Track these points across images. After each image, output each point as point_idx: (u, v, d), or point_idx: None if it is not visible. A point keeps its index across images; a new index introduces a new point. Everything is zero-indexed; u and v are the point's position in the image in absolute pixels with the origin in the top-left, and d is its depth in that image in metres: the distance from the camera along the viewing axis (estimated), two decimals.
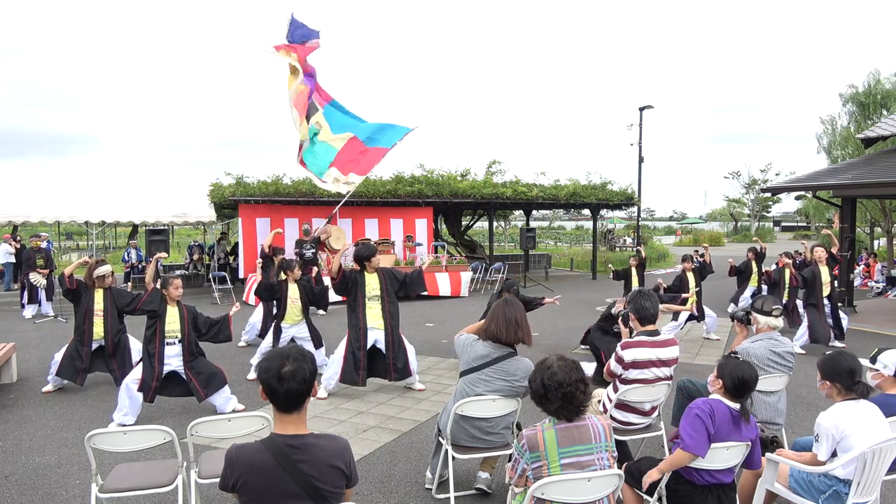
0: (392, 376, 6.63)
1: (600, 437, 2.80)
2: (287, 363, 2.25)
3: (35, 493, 4.37)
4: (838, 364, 3.32)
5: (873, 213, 20.94)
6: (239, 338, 8.87)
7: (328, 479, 2.28)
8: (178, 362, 5.92)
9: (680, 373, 5.68)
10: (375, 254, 6.70)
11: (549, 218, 58.05)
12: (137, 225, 17.11)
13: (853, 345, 9.02)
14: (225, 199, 15.43)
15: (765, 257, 11.61)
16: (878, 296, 15.94)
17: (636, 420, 4.24)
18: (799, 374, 6.38)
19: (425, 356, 8.41)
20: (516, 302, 3.98)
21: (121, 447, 3.55)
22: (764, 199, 54.74)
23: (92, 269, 6.78)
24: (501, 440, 3.98)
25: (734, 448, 3.18)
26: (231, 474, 2.25)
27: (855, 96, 21.40)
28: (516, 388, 3.86)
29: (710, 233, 48.43)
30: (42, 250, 12.97)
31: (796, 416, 5.90)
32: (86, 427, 5.51)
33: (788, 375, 4.39)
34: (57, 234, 27.52)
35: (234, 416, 3.65)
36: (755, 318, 4.43)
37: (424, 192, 16.36)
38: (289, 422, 2.30)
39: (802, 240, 13.01)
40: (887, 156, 13.41)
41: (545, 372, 2.82)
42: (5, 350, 7.11)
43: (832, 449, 3.20)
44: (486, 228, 24.03)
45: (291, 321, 7.32)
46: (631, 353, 4.07)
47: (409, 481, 4.51)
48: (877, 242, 25.41)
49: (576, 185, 19.36)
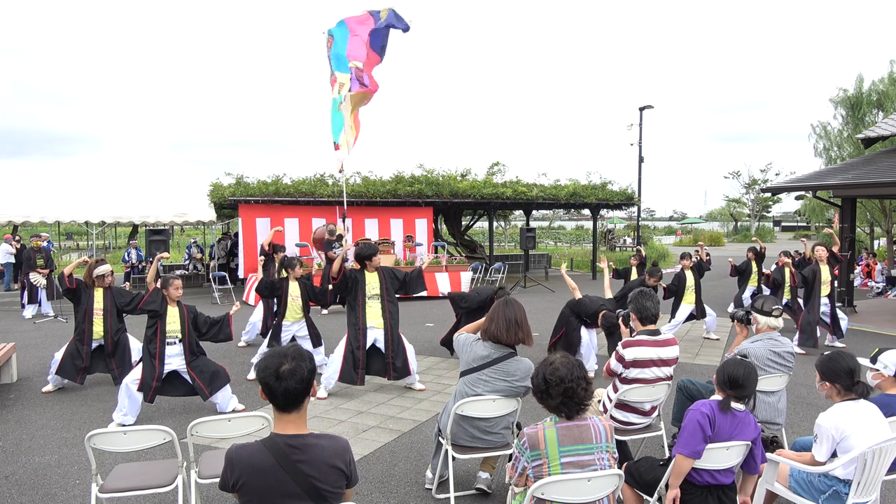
0: (391, 375, 6.63)
1: (601, 437, 2.80)
2: (285, 362, 2.25)
3: (35, 493, 4.37)
4: (837, 364, 3.32)
5: (873, 213, 20.95)
6: (239, 337, 8.87)
7: (328, 479, 2.27)
8: (178, 362, 5.93)
9: (680, 373, 5.69)
10: (377, 253, 6.71)
11: (549, 218, 58.01)
12: (137, 225, 17.11)
13: (853, 345, 9.02)
14: (225, 199, 15.44)
15: (765, 257, 11.59)
16: (878, 296, 15.93)
17: (636, 420, 4.25)
18: (799, 374, 6.38)
19: (425, 356, 8.42)
20: (516, 302, 3.98)
21: (121, 447, 3.55)
22: (764, 199, 54.74)
23: (92, 268, 6.79)
24: (501, 440, 3.98)
25: (734, 448, 3.18)
26: (231, 474, 2.25)
27: (845, 99, 21.40)
28: (516, 388, 3.86)
29: (710, 233, 48.39)
30: (42, 250, 12.97)
31: (796, 416, 5.90)
32: (86, 427, 5.52)
33: (788, 375, 4.39)
34: (57, 234, 27.52)
35: (234, 416, 3.65)
36: (755, 318, 4.43)
37: (424, 192, 16.36)
38: (288, 421, 2.29)
39: (803, 238, 12.98)
40: (887, 156, 13.42)
41: (547, 368, 2.85)
42: (5, 350, 7.11)
43: (832, 449, 3.20)
44: (486, 228, 24.04)
45: (292, 318, 7.33)
46: (632, 352, 4.07)
47: (409, 481, 4.51)
48: (877, 242, 25.41)
49: (576, 185, 19.36)
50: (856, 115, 21.02)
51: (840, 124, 22.13)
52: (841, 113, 21.97)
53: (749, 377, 3.23)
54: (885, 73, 21.17)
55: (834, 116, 22.38)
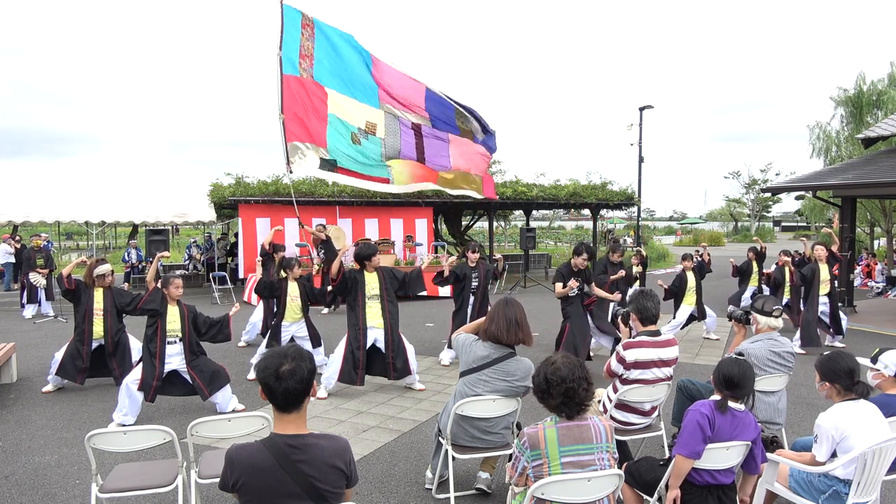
0: (391, 375, 6.63)
1: (601, 437, 2.80)
2: (285, 362, 2.25)
3: (35, 493, 4.37)
4: (837, 365, 3.31)
5: (873, 213, 20.95)
6: (239, 338, 8.87)
7: (328, 479, 2.27)
8: (179, 361, 5.93)
9: (680, 373, 5.69)
10: (376, 253, 6.71)
11: (549, 218, 57.98)
12: (137, 225, 17.12)
13: (853, 345, 9.02)
14: (225, 199, 15.44)
15: (765, 257, 11.60)
16: (878, 296, 15.93)
17: (636, 420, 4.24)
18: (799, 374, 6.38)
19: (425, 356, 8.41)
20: (516, 302, 3.98)
21: (121, 447, 3.55)
22: (764, 199, 54.70)
23: (92, 268, 6.79)
24: (501, 440, 3.98)
25: (734, 448, 3.18)
26: (231, 474, 2.25)
27: (846, 99, 21.39)
28: (516, 388, 3.86)
29: (710, 233, 48.36)
30: (42, 250, 12.98)
31: (796, 416, 5.90)
32: (86, 427, 5.51)
33: (788, 375, 4.39)
34: (57, 234, 27.51)
35: (234, 416, 3.65)
36: (755, 318, 4.43)
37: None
38: (288, 421, 2.29)
39: (802, 238, 12.98)
40: (887, 156, 13.42)
41: (549, 367, 2.85)
42: (5, 350, 7.11)
43: (832, 450, 3.19)
44: (486, 228, 24.02)
45: (291, 319, 7.33)
46: (633, 354, 4.07)
47: (409, 481, 4.51)
48: (877, 242, 25.41)
49: (576, 185, 19.35)
50: (856, 115, 21.01)
51: (840, 124, 22.13)
52: (841, 113, 21.96)
53: (745, 376, 3.23)
54: (885, 73, 21.19)
55: (834, 117, 22.41)
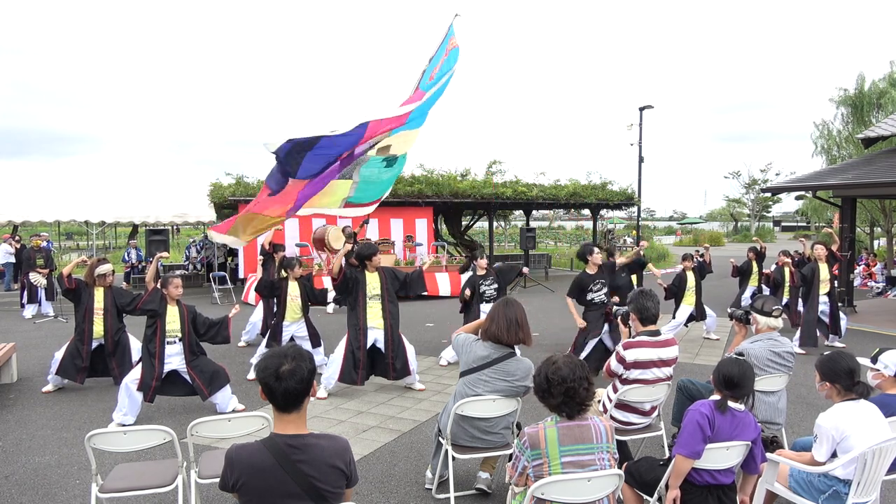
0: (391, 375, 6.64)
1: (602, 437, 2.80)
2: (285, 362, 2.25)
3: (35, 493, 4.37)
4: (837, 365, 3.31)
5: (873, 213, 20.94)
6: (239, 338, 8.87)
7: (328, 479, 2.27)
8: (178, 361, 5.93)
9: (680, 373, 5.69)
10: (377, 253, 6.71)
11: (549, 218, 58.00)
12: (137, 225, 17.12)
13: (853, 345, 9.01)
14: (225, 199, 15.43)
15: (765, 257, 11.60)
16: (878, 296, 15.92)
17: (636, 420, 4.24)
18: (799, 374, 6.38)
19: (425, 356, 8.41)
20: (516, 302, 3.98)
21: (121, 447, 3.55)
22: (764, 199, 54.69)
23: (93, 267, 6.79)
24: (501, 440, 3.98)
25: (734, 448, 3.18)
26: (231, 474, 2.25)
27: (847, 99, 21.40)
28: (516, 388, 3.85)
29: (710, 233, 48.32)
30: (42, 250, 12.98)
31: (796, 416, 5.90)
32: (86, 427, 5.51)
33: (788, 375, 4.39)
34: (57, 234, 27.53)
35: (234, 416, 3.65)
36: (755, 319, 4.43)
37: (424, 192, 16.36)
38: (288, 421, 2.29)
39: (801, 238, 12.97)
40: (887, 156, 13.41)
41: (550, 367, 2.85)
42: (5, 350, 7.11)
43: (832, 450, 3.19)
44: (486, 228, 24.02)
45: (291, 318, 7.33)
46: (633, 354, 4.07)
47: (409, 481, 4.51)
48: (877, 242, 25.39)
49: (576, 185, 19.36)
50: (857, 115, 21.01)
51: (841, 124, 22.13)
52: (842, 113, 21.96)
53: (745, 376, 3.23)
54: (886, 73, 21.17)
55: (835, 117, 22.40)
